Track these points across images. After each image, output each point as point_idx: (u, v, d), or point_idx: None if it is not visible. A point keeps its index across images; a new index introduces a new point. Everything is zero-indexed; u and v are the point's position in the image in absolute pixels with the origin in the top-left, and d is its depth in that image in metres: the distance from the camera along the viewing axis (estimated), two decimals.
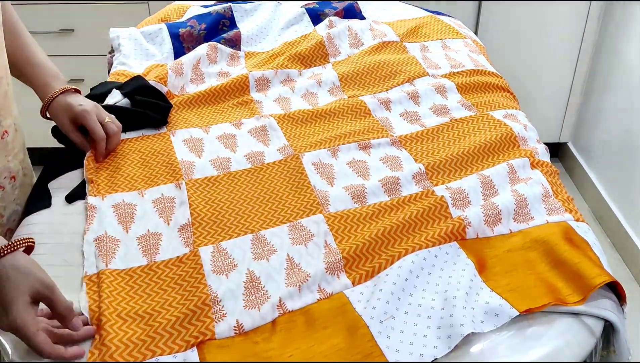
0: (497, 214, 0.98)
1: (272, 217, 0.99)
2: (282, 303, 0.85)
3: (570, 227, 0.97)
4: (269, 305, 0.85)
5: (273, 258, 0.92)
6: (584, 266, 0.89)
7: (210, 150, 1.15)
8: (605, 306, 0.87)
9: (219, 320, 0.82)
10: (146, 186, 1.05)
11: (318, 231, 0.97)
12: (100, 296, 0.85)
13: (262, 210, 1.01)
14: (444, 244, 0.93)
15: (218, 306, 0.84)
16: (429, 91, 1.33)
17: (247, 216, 0.99)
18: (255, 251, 0.93)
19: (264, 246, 0.94)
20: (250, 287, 0.87)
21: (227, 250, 0.93)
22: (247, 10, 1.67)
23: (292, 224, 0.98)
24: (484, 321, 0.83)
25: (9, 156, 1.05)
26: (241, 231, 0.96)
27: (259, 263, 0.91)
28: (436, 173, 1.09)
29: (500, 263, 0.92)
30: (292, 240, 0.95)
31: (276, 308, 0.84)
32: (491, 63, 1.51)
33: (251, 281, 0.88)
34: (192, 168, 1.09)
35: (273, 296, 0.86)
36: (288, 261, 0.91)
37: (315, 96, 1.35)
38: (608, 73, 2.38)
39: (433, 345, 0.79)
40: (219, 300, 0.85)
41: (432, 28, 1.61)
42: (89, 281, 0.88)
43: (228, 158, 1.13)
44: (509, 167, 1.08)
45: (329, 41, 1.50)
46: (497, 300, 0.85)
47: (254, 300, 0.85)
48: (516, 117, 1.25)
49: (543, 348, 0.81)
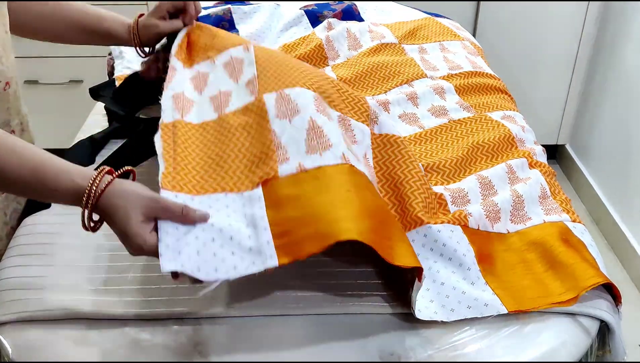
0: (497, 212, 0.99)
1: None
2: (345, 156, 0.87)
3: (567, 228, 0.98)
4: (330, 152, 0.87)
5: (332, 113, 0.95)
6: (578, 267, 0.90)
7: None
8: (601, 306, 0.88)
9: (282, 161, 0.86)
10: (217, 52, 1.08)
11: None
12: (175, 141, 0.89)
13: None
14: (448, 224, 0.94)
15: (282, 150, 0.88)
16: (427, 92, 1.33)
17: (311, 75, 1.01)
18: (318, 106, 0.94)
19: (324, 107, 0.95)
20: (312, 134, 0.89)
21: (290, 96, 0.94)
22: (246, 13, 1.67)
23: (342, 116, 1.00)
24: (471, 307, 0.84)
25: None
26: (305, 85, 0.97)
27: (320, 115, 0.92)
28: (435, 173, 1.10)
29: (497, 261, 0.93)
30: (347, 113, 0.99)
31: (338, 157, 0.86)
32: (489, 65, 1.52)
33: (313, 128, 0.90)
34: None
35: (335, 146, 0.88)
36: (343, 121, 0.95)
37: None
38: (606, 75, 2.38)
39: (434, 310, 0.84)
40: (283, 145, 0.88)
41: (430, 30, 1.62)
42: (165, 128, 0.91)
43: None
44: (508, 167, 1.09)
45: (327, 44, 1.50)
46: (490, 294, 0.86)
47: (316, 145, 0.88)
48: (514, 119, 1.26)
49: (539, 348, 0.82)
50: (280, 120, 0.91)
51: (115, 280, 0.90)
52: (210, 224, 0.79)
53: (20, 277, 0.90)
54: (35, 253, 0.94)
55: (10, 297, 0.87)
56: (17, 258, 0.94)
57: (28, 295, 0.87)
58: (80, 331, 0.83)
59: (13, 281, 0.90)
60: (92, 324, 0.84)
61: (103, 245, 0.96)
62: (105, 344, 0.81)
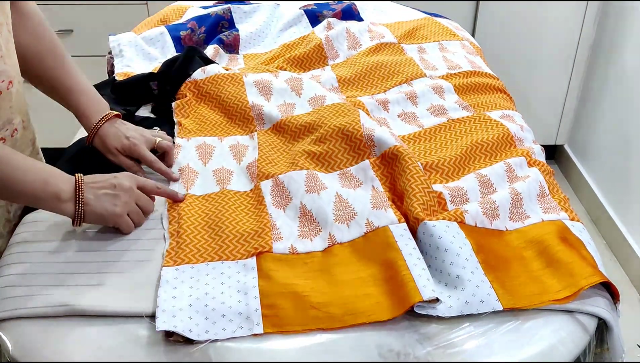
0: (495, 210, 0.99)
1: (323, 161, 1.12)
2: (331, 236, 0.96)
3: (565, 226, 0.98)
4: (319, 238, 0.97)
5: (323, 193, 1.02)
6: (576, 265, 0.90)
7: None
8: (599, 304, 0.88)
9: (277, 240, 0.96)
10: (225, 134, 1.22)
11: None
12: (179, 214, 1.01)
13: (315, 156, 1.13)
14: (443, 220, 0.94)
15: (277, 230, 0.97)
16: (426, 91, 1.34)
17: (301, 156, 1.12)
18: (308, 185, 1.04)
19: (316, 181, 1.05)
20: (303, 220, 1.00)
21: (284, 183, 1.05)
22: (246, 12, 1.68)
23: (341, 172, 1.10)
24: (468, 302, 0.85)
25: None
26: (297, 166, 1.08)
27: (311, 196, 1.02)
28: (434, 172, 1.10)
29: (494, 257, 0.93)
30: (341, 184, 1.07)
31: (326, 240, 0.96)
32: (488, 65, 1.53)
33: (304, 214, 1.00)
34: (262, 115, 1.24)
35: (324, 231, 0.97)
36: (337, 198, 1.02)
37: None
38: (604, 75, 2.39)
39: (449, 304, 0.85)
40: (278, 227, 0.98)
41: (429, 30, 1.62)
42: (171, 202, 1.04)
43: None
44: (506, 166, 1.09)
45: (327, 44, 1.51)
46: (487, 288, 0.86)
47: (307, 231, 0.98)
48: (512, 118, 1.26)
49: (537, 346, 0.82)
50: (275, 209, 1.02)
51: (115, 276, 0.90)
52: (205, 293, 0.86)
53: (20, 274, 0.90)
54: (36, 250, 0.95)
55: (10, 294, 0.87)
56: (18, 255, 0.94)
57: (29, 292, 0.87)
58: (81, 327, 0.83)
59: (14, 278, 0.90)
60: (92, 321, 0.84)
61: (104, 242, 0.96)
62: (105, 341, 0.81)
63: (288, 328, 0.83)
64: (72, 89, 1.09)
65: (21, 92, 1.06)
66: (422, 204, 0.97)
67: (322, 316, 0.84)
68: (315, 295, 0.86)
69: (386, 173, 1.07)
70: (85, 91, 1.11)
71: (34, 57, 1.08)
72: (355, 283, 0.89)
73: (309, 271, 0.91)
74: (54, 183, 0.91)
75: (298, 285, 0.88)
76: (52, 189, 0.91)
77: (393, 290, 0.86)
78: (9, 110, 1.01)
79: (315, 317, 0.84)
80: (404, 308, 0.83)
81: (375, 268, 0.91)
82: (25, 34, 1.06)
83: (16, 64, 1.03)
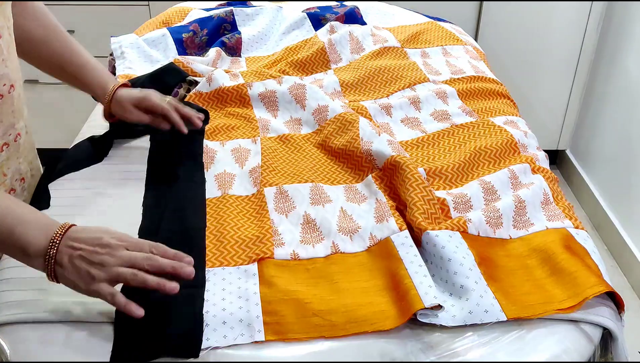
0: (499, 218, 0.98)
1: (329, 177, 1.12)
2: (335, 244, 0.96)
3: (570, 234, 0.97)
4: (322, 245, 0.96)
5: (328, 206, 1.02)
6: (581, 274, 0.89)
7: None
8: (604, 313, 0.87)
9: (278, 245, 0.95)
10: (227, 138, 1.22)
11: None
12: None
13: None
14: (446, 230, 0.94)
15: (278, 236, 0.96)
16: (429, 96, 1.33)
17: (307, 171, 1.12)
18: (313, 198, 1.04)
19: (321, 194, 1.05)
20: (306, 227, 0.99)
21: (288, 193, 1.05)
22: (249, 15, 1.67)
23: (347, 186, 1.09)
24: (472, 312, 0.84)
25: (20, 158, 1.06)
26: (302, 179, 1.08)
27: (315, 208, 1.02)
28: (437, 178, 1.09)
29: (498, 266, 0.92)
30: (346, 198, 1.05)
31: (329, 248, 0.95)
32: (491, 69, 1.52)
33: (307, 222, 0.99)
34: (268, 126, 1.24)
35: (327, 239, 0.96)
36: (342, 212, 1.01)
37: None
38: (607, 81, 2.39)
39: (452, 314, 0.84)
40: (279, 232, 0.97)
41: (432, 34, 1.62)
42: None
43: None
44: (510, 173, 1.08)
45: (330, 47, 1.50)
46: (490, 298, 0.85)
47: (309, 238, 0.97)
48: (516, 124, 1.26)
49: (541, 355, 0.81)
50: (278, 214, 1.01)
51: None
52: (205, 300, 0.85)
53: (19, 278, 0.90)
54: None
55: (9, 298, 0.86)
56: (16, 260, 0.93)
57: (27, 296, 0.86)
58: (80, 332, 0.82)
59: (12, 283, 0.89)
60: (91, 326, 0.83)
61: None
62: (105, 346, 0.80)
63: (290, 336, 0.82)
64: (81, 66, 1.15)
65: (23, 96, 1.06)
66: (423, 214, 0.96)
67: (324, 324, 0.83)
68: (317, 303, 0.86)
69: (389, 184, 1.06)
70: (94, 66, 1.17)
71: (40, 40, 1.10)
72: (358, 291, 0.88)
73: (311, 277, 0.90)
74: (22, 232, 0.78)
75: (300, 291, 0.87)
76: (17, 240, 0.78)
77: (396, 298, 0.86)
78: (11, 114, 1.01)
79: (318, 325, 0.83)
80: (406, 317, 0.82)
81: (378, 279, 0.90)
82: (28, 19, 1.08)
83: (18, 67, 1.03)
